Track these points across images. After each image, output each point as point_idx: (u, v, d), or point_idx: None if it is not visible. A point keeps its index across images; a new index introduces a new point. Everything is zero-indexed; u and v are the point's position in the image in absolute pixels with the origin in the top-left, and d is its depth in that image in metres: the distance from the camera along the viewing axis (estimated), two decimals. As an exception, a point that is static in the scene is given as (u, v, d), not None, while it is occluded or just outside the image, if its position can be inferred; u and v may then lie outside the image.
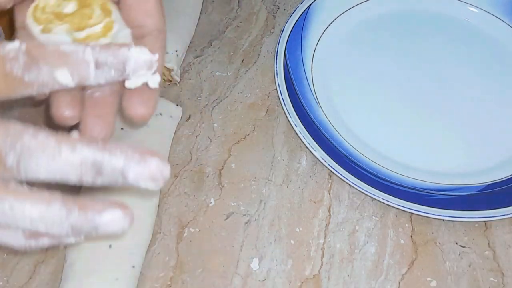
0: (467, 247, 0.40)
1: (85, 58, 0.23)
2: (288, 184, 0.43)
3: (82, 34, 0.25)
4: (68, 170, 0.22)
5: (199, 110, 0.47)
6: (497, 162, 0.45)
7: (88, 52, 0.23)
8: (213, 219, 0.41)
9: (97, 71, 0.24)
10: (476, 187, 0.43)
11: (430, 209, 0.40)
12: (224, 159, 0.44)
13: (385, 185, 0.41)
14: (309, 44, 0.51)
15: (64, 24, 0.25)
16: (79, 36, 0.25)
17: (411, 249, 0.40)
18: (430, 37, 0.53)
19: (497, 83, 0.50)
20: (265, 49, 0.52)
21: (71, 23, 0.26)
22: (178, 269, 0.38)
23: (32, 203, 0.22)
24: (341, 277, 0.39)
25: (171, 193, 0.42)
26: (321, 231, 0.41)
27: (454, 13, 0.55)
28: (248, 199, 0.42)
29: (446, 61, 0.52)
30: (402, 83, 0.50)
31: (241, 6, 0.56)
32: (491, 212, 0.40)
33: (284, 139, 0.46)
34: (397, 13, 0.55)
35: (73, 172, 0.22)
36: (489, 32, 0.54)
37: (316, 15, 0.52)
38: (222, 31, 0.53)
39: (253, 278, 0.38)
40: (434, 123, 0.47)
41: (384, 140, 0.45)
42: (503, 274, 0.39)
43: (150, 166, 0.23)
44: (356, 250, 0.40)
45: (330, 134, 0.45)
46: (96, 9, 0.26)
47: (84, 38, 0.25)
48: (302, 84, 0.47)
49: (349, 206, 0.42)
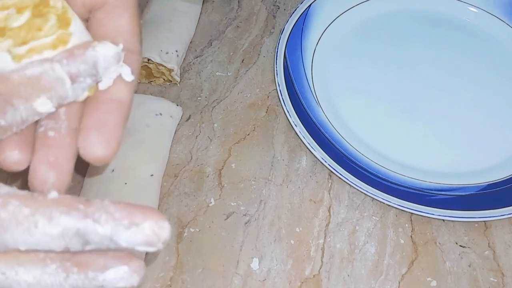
0: (467, 247, 0.40)
1: (57, 76, 0.21)
2: (288, 184, 0.43)
3: (23, 49, 0.21)
4: (49, 241, 0.19)
5: (199, 110, 0.47)
6: (497, 162, 0.45)
7: (58, 68, 0.21)
8: (213, 219, 0.41)
9: (73, 85, 0.21)
10: (476, 187, 0.43)
11: (430, 209, 0.40)
12: (224, 159, 0.44)
13: (385, 185, 0.41)
14: (309, 44, 0.51)
15: (6, 40, 0.22)
16: (19, 51, 0.21)
17: (411, 249, 0.40)
18: (430, 37, 0.53)
19: (497, 83, 0.50)
20: (265, 49, 0.52)
21: (16, 38, 0.22)
22: (178, 269, 0.38)
23: (26, 268, 0.20)
24: (341, 277, 0.39)
25: (171, 193, 0.42)
26: (321, 231, 0.41)
27: (454, 13, 0.55)
28: (248, 199, 0.42)
29: (446, 61, 0.52)
30: (402, 83, 0.50)
31: (241, 6, 0.56)
32: (491, 212, 0.40)
33: (284, 139, 0.46)
34: (397, 13, 0.55)
35: (55, 243, 0.19)
36: (489, 32, 0.54)
37: (316, 15, 0.52)
38: (222, 31, 0.53)
39: (253, 278, 0.38)
40: (434, 123, 0.47)
41: (384, 140, 0.45)
42: (503, 274, 0.39)
43: (143, 230, 0.20)
44: (356, 250, 0.40)
45: (330, 134, 0.45)
46: (50, 19, 0.22)
47: (25, 53, 0.21)
48: (302, 84, 0.47)
49: (349, 206, 0.42)
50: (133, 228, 0.20)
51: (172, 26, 0.49)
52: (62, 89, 0.21)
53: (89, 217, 0.19)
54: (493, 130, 0.47)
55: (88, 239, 0.20)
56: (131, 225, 0.20)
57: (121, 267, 0.20)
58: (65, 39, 0.22)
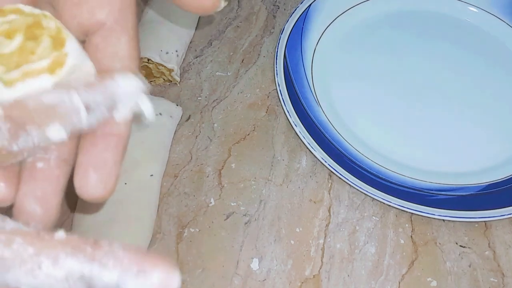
0: (467, 247, 0.40)
1: (73, 104, 0.20)
2: (288, 184, 0.43)
3: (15, 74, 0.20)
4: (53, 284, 0.18)
5: (199, 110, 0.47)
6: (497, 162, 0.45)
7: (76, 98, 0.20)
8: (213, 219, 0.41)
9: (88, 115, 0.21)
10: (476, 187, 0.43)
11: (430, 209, 0.40)
12: (224, 159, 0.44)
13: (385, 185, 0.41)
14: (309, 44, 0.51)
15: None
16: (11, 76, 0.20)
17: (411, 249, 0.40)
18: (430, 37, 0.53)
19: (497, 83, 0.50)
20: (265, 49, 0.52)
21: (7, 64, 0.20)
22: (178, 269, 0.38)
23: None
24: (341, 277, 0.38)
25: (171, 193, 0.42)
26: (321, 231, 0.41)
27: (454, 13, 0.55)
28: (248, 199, 0.42)
29: (446, 61, 0.52)
30: (402, 83, 0.50)
31: (241, 6, 0.56)
32: (491, 212, 0.40)
33: (284, 139, 0.46)
34: (397, 13, 0.55)
35: (59, 286, 0.18)
36: (489, 32, 0.54)
37: (316, 15, 0.52)
38: (222, 31, 0.53)
39: (253, 278, 0.38)
40: (434, 123, 0.47)
41: (384, 140, 0.45)
42: (503, 274, 0.39)
43: (152, 279, 0.19)
44: (356, 250, 0.40)
45: (330, 134, 0.45)
46: (44, 41, 0.21)
47: (18, 77, 0.20)
48: (302, 84, 0.47)
49: (349, 206, 0.42)
50: (141, 276, 0.19)
51: (172, 26, 0.49)
52: (76, 118, 0.21)
53: (96, 261, 0.18)
54: (493, 130, 0.47)
55: (93, 284, 0.18)
56: (139, 273, 0.19)
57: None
58: (61, 60, 0.21)
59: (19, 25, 0.21)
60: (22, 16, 0.22)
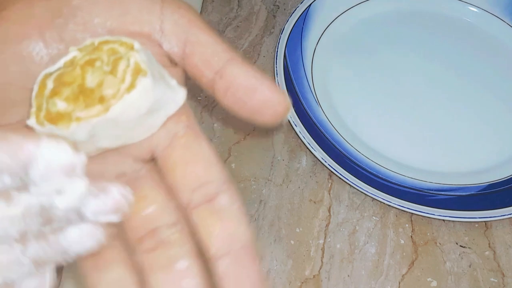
0: (468, 247, 0.40)
1: None
2: (288, 184, 0.43)
3: None
4: (6, 227, 0.16)
5: (199, 110, 0.47)
6: (497, 162, 0.45)
7: None
8: (213, 219, 0.41)
9: None
10: (476, 187, 0.43)
11: (430, 209, 0.40)
12: (224, 159, 0.44)
13: (385, 185, 0.41)
14: (309, 44, 0.51)
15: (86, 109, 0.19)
16: None
17: (411, 249, 0.40)
18: (430, 37, 0.53)
19: (497, 83, 0.50)
20: (265, 49, 0.52)
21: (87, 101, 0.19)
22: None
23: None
24: (341, 277, 0.38)
25: (171, 193, 0.42)
26: (321, 231, 0.41)
27: (454, 13, 0.55)
28: (248, 199, 0.42)
29: (446, 61, 0.52)
30: (402, 83, 0.49)
31: (241, 6, 0.56)
32: (491, 212, 0.40)
33: (284, 139, 0.46)
34: (396, 13, 0.55)
35: (13, 229, 0.16)
36: (489, 32, 0.54)
37: (316, 15, 0.52)
38: (222, 31, 0.53)
39: (253, 278, 0.38)
40: (434, 123, 0.47)
41: (384, 140, 0.45)
42: (504, 274, 0.39)
43: (112, 194, 0.18)
44: (356, 250, 0.40)
45: (330, 134, 0.44)
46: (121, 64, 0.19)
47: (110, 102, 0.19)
48: (302, 84, 0.47)
49: (349, 206, 0.42)
50: (101, 195, 0.17)
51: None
52: None
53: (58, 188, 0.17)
54: (493, 130, 0.47)
55: (51, 215, 0.16)
56: (99, 192, 0.17)
57: None
58: None
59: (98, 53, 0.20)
60: None
